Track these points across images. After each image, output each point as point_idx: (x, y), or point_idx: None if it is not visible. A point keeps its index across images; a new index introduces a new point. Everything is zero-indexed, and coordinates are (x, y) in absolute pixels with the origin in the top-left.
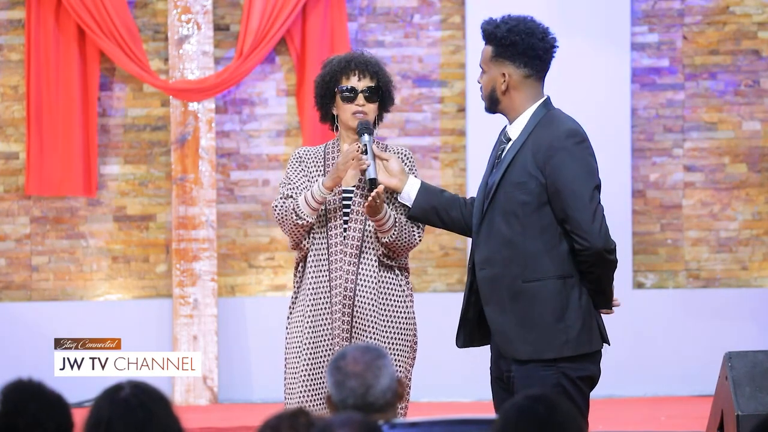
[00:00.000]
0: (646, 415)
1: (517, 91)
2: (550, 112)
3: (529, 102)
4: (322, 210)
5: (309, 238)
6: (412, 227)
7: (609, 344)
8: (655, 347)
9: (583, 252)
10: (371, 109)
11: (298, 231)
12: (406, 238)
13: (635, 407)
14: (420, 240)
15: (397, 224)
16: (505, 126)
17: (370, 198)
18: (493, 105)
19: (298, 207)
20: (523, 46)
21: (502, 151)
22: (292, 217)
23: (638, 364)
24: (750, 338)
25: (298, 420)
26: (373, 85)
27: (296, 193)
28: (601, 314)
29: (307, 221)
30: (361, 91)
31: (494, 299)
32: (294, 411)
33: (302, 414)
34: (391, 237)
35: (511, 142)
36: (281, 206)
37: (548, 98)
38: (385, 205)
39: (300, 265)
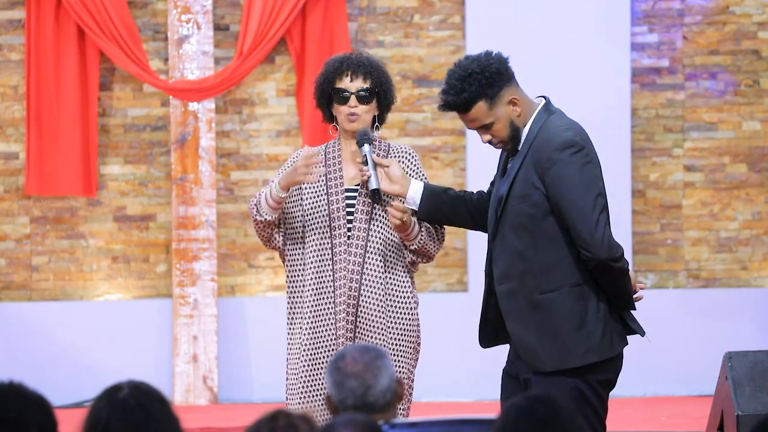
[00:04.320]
0: (646, 415)
1: (522, 104)
2: (549, 118)
3: (532, 107)
4: (325, 209)
5: (280, 237)
6: (435, 227)
7: (643, 334)
8: (655, 347)
9: (589, 262)
10: (364, 110)
11: (261, 227)
12: (434, 238)
13: (635, 407)
14: (444, 236)
15: (423, 230)
16: None
17: (398, 223)
18: (518, 137)
19: (259, 203)
20: (498, 71)
21: (510, 160)
22: (253, 212)
23: (638, 364)
24: (750, 338)
25: (276, 422)
26: (366, 86)
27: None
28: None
29: (266, 219)
30: (353, 93)
31: (514, 313)
32: (272, 414)
33: (281, 416)
34: (419, 243)
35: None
36: (252, 202)
37: (548, 100)
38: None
39: (295, 264)
